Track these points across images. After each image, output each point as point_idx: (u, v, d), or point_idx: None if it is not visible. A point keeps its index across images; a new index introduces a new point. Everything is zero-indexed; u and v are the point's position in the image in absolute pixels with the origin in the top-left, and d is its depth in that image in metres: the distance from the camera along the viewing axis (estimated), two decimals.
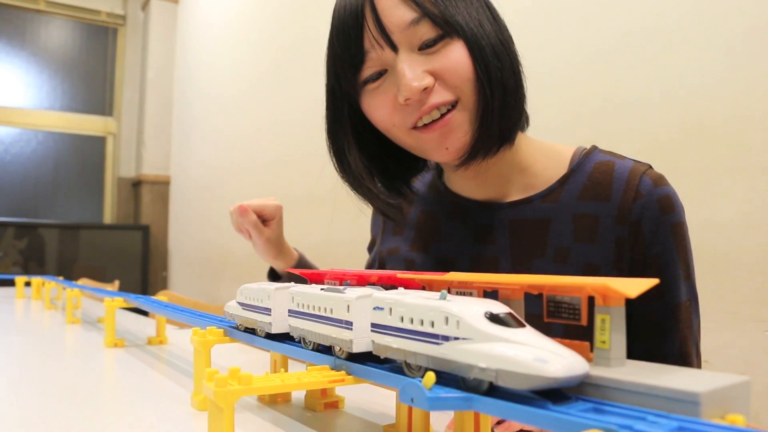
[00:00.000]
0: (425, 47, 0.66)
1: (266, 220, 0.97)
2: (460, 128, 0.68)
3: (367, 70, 0.69)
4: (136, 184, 4.46)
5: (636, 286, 0.33)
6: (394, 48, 0.66)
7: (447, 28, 0.65)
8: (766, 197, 1.07)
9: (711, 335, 1.12)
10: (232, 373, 0.42)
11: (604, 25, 1.36)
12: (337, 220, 2.33)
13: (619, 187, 0.70)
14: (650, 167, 0.72)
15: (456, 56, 0.66)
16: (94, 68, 4.58)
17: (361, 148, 0.75)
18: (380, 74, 0.68)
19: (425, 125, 0.68)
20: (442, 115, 0.67)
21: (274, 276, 1.04)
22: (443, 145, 0.69)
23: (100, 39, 4.61)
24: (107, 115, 4.60)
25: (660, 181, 0.71)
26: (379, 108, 0.70)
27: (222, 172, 3.48)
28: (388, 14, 0.66)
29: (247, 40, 3.26)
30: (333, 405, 0.62)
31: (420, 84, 0.65)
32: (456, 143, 0.69)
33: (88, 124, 4.52)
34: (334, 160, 0.77)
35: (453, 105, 0.67)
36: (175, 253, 4.25)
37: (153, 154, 4.36)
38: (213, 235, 3.49)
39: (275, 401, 0.65)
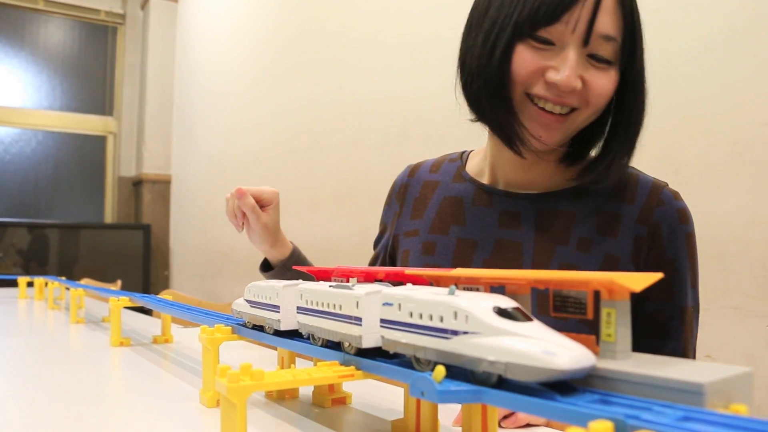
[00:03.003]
0: (593, 57, 0.71)
1: (263, 205, 0.97)
2: (562, 132, 0.74)
3: (544, 33, 0.70)
4: (137, 184, 4.46)
5: (640, 281, 0.34)
6: (585, 43, 0.70)
7: (620, 62, 0.72)
8: None
9: (714, 330, 1.13)
10: (244, 368, 0.42)
11: None
12: (341, 214, 2.34)
13: (642, 192, 0.77)
14: (668, 185, 0.79)
15: (607, 84, 0.71)
16: (93, 67, 4.57)
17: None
18: (546, 42, 0.71)
19: (544, 109, 0.72)
20: (561, 114, 0.72)
21: (266, 268, 1.04)
22: (539, 133, 0.73)
23: (100, 38, 4.60)
24: (107, 114, 4.59)
25: (678, 196, 0.78)
26: (528, 64, 0.71)
27: (223, 170, 3.49)
28: (602, 15, 0.69)
29: (246, 36, 3.27)
30: (341, 401, 0.63)
31: (575, 84, 0.69)
32: (550, 139, 0.73)
33: (88, 124, 4.52)
34: (492, 91, 0.73)
35: (572, 110, 0.73)
36: (177, 253, 4.26)
37: (153, 153, 4.36)
38: (215, 234, 3.49)
39: (283, 398, 0.65)
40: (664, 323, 0.74)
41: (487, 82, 0.73)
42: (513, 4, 0.71)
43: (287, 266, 1.00)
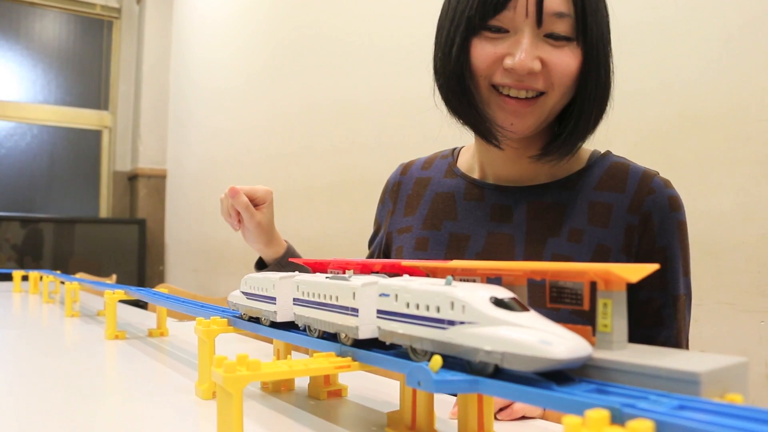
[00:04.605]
0: (551, 37, 0.71)
1: (257, 204, 0.97)
2: (533, 116, 0.73)
3: (495, 21, 0.71)
4: (132, 178, 4.44)
5: (637, 271, 0.34)
6: (539, 24, 0.70)
7: (579, 36, 0.71)
8: (763, 188, 1.08)
9: (708, 325, 1.13)
10: (240, 359, 0.42)
11: None
12: (335, 214, 2.33)
13: (633, 182, 0.77)
14: (659, 173, 0.79)
15: (568, 61, 0.71)
16: (89, 62, 4.55)
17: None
18: (500, 30, 0.72)
19: (509, 96, 0.73)
20: (527, 98, 0.72)
21: (261, 267, 1.04)
22: (510, 118, 0.74)
23: (95, 32, 4.58)
24: (103, 108, 4.57)
25: (669, 184, 0.78)
26: (485, 56, 0.73)
27: (218, 165, 3.48)
28: None
29: (243, 33, 3.26)
30: (336, 393, 0.63)
31: (532, 66, 0.70)
32: (521, 125, 0.74)
33: (84, 118, 4.50)
34: (452, 85, 0.76)
35: (537, 95, 0.73)
36: (172, 247, 4.25)
37: (149, 147, 4.34)
38: (210, 229, 3.49)
39: (278, 390, 0.65)
40: (657, 311, 0.75)
41: (448, 79, 0.75)
42: (463, 2, 0.74)
43: (282, 264, 1.00)
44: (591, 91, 0.73)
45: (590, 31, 0.71)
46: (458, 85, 0.74)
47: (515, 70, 0.70)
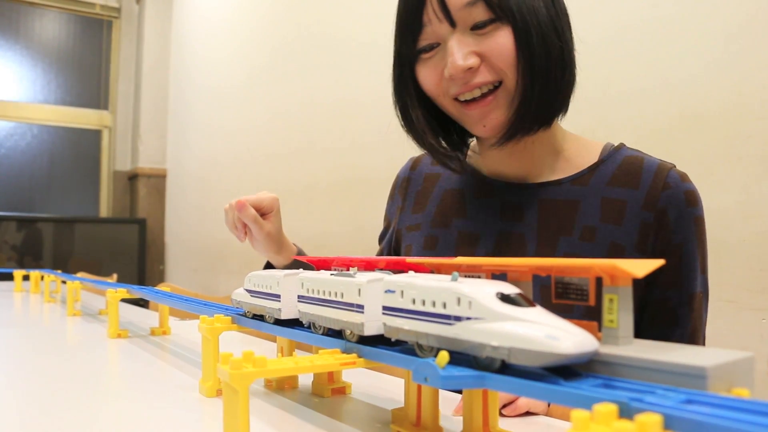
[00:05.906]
0: (476, 28, 0.70)
1: (264, 213, 0.95)
2: (499, 109, 0.73)
3: (423, 41, 0.74)
4: (132, 178, 4.44)
5: (643, 267, 0.34)
6: (452, 24, 0.71)
7: (499, 13, 0.70)
8: (764, 186, 1.08)
9: (709, 323, 1.13)
10: (246, 356, 0.42)
11: (603, 16, 1.37)
12: (336, 213, 2.33)
13: (647, 177, 0.74)
14: (675, 166, 0.77)
15: (502, 41, 0.70)
16: (88, 61, 4.55)
17: (423, 107, 0.80)
18: (433, 47, 0.73)
19: (467, 101, 0.73)
20: (483, 95, 0.72)
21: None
22: (481, 122, 0.74)
23: (95, 32, 4.58)
24: (102, 108, 4.57)
25: (686, 177, 0.76)
26: (429, 77, 0.75)
27: (219, 165, 3.48)
28: None
29: (243, 33, 3.25)
30: (340, 391, 0.63)
31: (465, 64, 0.70)
32: (492, 122, 0.74)
33: (84, 118, 4.50)
34: (399, 116, 0.83)
35: (496, 85, 0.72)
36: (172, 247, 4.25)
37: (149, 147, 4.34)
38: (210, 228, 3.49)
39: (282, 387, 0.65)
40: (673, 310, 0.73)
41: (401, 121, 0.82)
42: (394, 37, 0.78)
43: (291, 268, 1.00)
44: (527, 64, 0.69)
45: (510, 5, 0.69)
46: (407, 123, 0.80)
47: (454, 76, 0.71)
